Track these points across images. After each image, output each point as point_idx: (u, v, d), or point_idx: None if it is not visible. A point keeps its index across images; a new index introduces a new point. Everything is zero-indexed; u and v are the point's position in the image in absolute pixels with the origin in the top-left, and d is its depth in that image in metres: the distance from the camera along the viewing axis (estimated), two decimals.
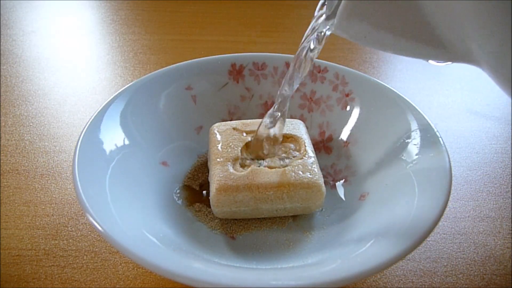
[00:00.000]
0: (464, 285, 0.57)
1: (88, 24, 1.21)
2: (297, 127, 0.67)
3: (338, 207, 0.62)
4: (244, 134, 0.64)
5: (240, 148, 0.61)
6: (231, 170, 0.58)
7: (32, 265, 0.56)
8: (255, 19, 1.25)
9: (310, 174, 0.58)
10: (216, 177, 0.58)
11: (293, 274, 0.49)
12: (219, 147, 0.62)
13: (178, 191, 0.63)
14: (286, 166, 0.59)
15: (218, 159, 0.60)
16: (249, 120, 0.68)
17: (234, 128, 0.65)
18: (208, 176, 0.63)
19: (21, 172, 0.70)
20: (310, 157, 0.61)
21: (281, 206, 0.58)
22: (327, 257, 0.52)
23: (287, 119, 0.68)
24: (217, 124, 0.67)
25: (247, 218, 0.59)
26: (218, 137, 0.64)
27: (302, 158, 0.61)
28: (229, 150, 0.61)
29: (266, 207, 0.57)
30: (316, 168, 0.60)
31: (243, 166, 0.60)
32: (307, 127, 0.70)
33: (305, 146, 0.63)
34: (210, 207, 0.59)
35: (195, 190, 0.64)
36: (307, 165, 0.60)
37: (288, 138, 0.64)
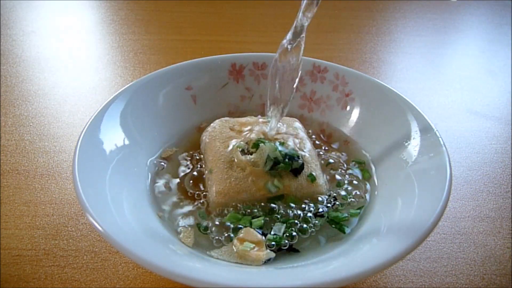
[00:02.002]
0: (464, 285, 0.57)
1: (88, 24, 1.21)
2: (292, 126, 0.67)
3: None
4: (242, 134, 0.64)
5: (238, 148, 0.61)
6: (230, 172, 0.59)
7: (32, 265, 0.56)
8: (255, 19, 1.25)
9: (310, 176, 0.59)
10: (216, 179, 0.58)
11: (294, 274, 0.49)
12: (217, 148, 0.62)
13: (178, 191, 0.63)
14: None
15: (217, 161, 0.60)
16: (244, 119, 0.68)
17: (231, 129, 0.65)
18: (205, 175, 0.63)
19: (21, 172, 0.70)
20: (310, 155, 0.62)
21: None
22: (328, 257, 0.52)
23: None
24: (212, 124, 0.68)
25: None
26: (215, 137, 0.64)
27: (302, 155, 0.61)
28: (228, 151, 0.61)
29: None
30: (315, 167, 0.61)
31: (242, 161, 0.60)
32: (307, 125, 0.71)
33: (304, 144, 0.64)
34: (209, 206, 0.59)
35: (194, 190, 0.64)
36: (307, 162, 0.60)
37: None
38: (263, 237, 0.53)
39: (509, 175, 0.74)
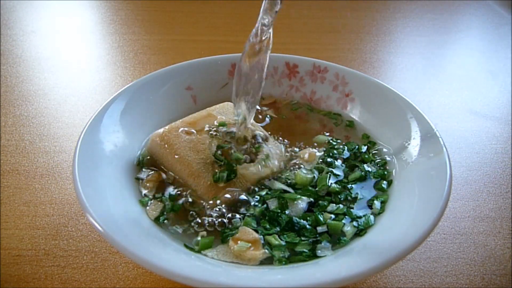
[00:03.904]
0: (464, 285, 0.57)
1: (88, 24, 1.21)
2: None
3: None
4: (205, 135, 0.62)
5: (210, 150, 0.60)
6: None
7: (32, 265, 0.56)
8: (255, 19, 1.24)
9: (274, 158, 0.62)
10: (204, 185, 0.58)
11: (294, 274, 0.49)
12: (187, 157, 0.59)
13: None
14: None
15: (195, 167, 0.59)
16: (190, 117, 0.65)
17: (187, 133, 0.62)
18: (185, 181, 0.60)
19: (21, 172, 0.69)
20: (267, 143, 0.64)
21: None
22: (328, 257, 0.51)
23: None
24: (159, 133, 0.62)
25: None
26: (177, 147, 0.60)
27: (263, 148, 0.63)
28: (201, 155, 0.59)
29: None
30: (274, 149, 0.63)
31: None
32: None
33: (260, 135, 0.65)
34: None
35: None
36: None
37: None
38: (260, 236, 0.52)
39: (509, 175, 0.74)
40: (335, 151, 0.64)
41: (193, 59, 0.74)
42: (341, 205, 0.56)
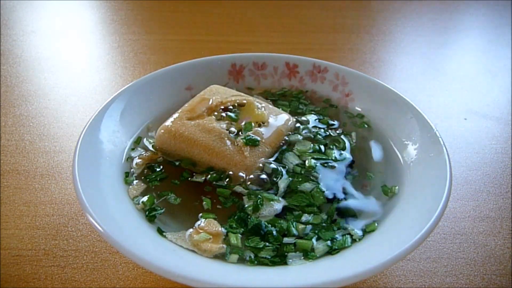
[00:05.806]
0: (464, 285, 0.57)
1: (88, 24, 1.21)
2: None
3: None
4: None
5: (220, 126, 0.62)
6: (232, 147, 0.60)
7: (32, 265, 0.56)
8: (255, 19, 1.25)
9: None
10: (231, 156, 0.59)
11: (293, 274, 0.49)
12: (203, 139, 0.60)
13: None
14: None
15: (213, 145, 0.60)
16: (187, 105, 0.66)
17: (189, 119, 0.63)
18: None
19: (21, 172, 0.69)
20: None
21: None
22: (327, 257, 0.51)
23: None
24: (165, 127, 0.62)
25: None
26: (188, 133, 0.61)
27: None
28: (214, 134, 0.60)
29: None
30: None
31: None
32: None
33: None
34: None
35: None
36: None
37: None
38: (224, 230, 0.51)
39: (509, 175, 0.74)
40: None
41: (193, 59, 0.74)
42: (312, 214, 0.54)
